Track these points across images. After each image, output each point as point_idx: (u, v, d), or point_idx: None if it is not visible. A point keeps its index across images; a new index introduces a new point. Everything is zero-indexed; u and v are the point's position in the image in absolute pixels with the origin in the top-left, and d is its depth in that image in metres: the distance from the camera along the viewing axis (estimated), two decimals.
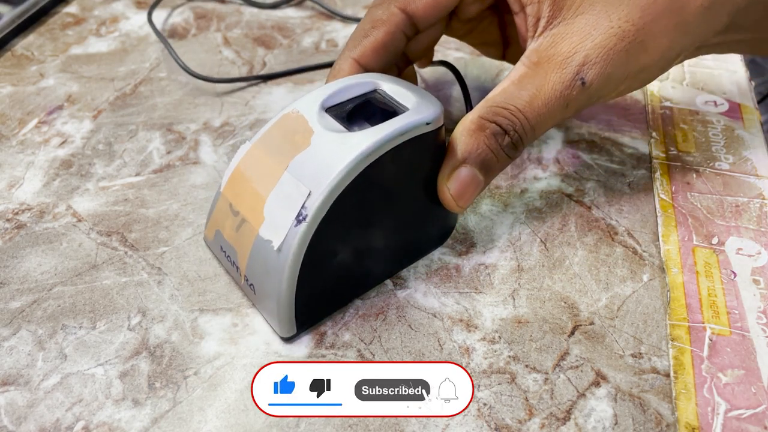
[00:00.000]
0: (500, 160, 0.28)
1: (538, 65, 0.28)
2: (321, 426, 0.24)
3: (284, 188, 0.25)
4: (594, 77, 0.27)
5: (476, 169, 0.27)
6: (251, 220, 0.26)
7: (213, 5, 0.51)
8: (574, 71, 0.27)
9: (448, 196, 0.27)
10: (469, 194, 0.28)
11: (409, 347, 0.26)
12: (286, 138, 0.26)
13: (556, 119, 0.28)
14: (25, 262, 0.30)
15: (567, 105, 0.28)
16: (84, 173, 0.35)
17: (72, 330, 0.27)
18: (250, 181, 0.27)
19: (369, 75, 0.29)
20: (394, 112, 0.27)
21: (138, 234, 0.32)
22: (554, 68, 0.27)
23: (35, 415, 0.24)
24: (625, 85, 0.29)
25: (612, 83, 0.28)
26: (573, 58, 0.27)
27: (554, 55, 0.27)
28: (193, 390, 0.25)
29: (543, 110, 0.27)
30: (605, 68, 0.27)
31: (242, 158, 0.27)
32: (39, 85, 0.43)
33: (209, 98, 0.41)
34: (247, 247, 0.26)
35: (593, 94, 0.28)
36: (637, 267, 0.30)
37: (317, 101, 0.27)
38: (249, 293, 0.27)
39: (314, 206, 0.24)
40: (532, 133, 0.28)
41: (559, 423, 0.24)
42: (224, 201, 0.27)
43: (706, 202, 0.33)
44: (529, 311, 0.28)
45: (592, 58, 0.27)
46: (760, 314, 0.27)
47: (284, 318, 0.26)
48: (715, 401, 0.24)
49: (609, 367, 0.26)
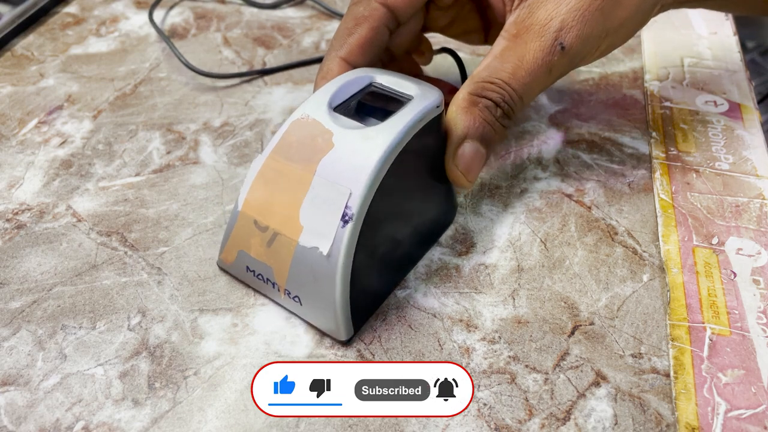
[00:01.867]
0: (497, 130, 0.29)
1: (517, 37, 0.28)
2: (321, 426, 0.24)
3: (319, 192, 0.25)
4: (573, 40, 0.28)
5: (477, 143, 0.28)
6: (286, 232, 0.25)
7: (213, 5, 0.51)
8: (552, 37, 0.28)
9: (457, 173, 0.29)
10: (476, 167, 0.29)
11: (409, 347, 0.26)
12: (305, 143, 0.26)
13: (541, 86, 0.29)
14: (25, 262, 0.30)
15: (550, 71, 0.29)
16: (84, 173, 0.35)
17: (72, 330, 0.27)
18: (275, 193, 0.26)
19: (360, 70, 0.29)
20: (399, 102, 0.27)
21: (138, 234, 0.32)
22: (533, 37, 0.28)
23: (35, 415, 0.24)
24: (606, 44, 0.30)
25: (592, 43, 0.29)
26: (550, 24, 0.28)
27: (532, 25, 0.28)
28: (193, 390, 0.25)
29: (527, 79, 0.28)
30: (583, 30, 0.28)
31: (259, 171, 0.26)
32: (39, 85, 0.43)
33: (209, 98, 0.41)
34: (285, 260, 0.26)
35: (575, 57, 0.29)
36: (637, 267, 0.30)
37: (323, 102, 0.27)
38: (292, 306, 0.27)
39: (357, 204, 0.24)
40: (521, 102, 0.29)
41: (559, 423, 0.24)
42: (246, 219, 0.27)
43: (706, 202, 0.33)
44: (529, 311, 0.28)
45: (568, 22, 0.28)
46: (760, 314, 0.27)
47: (342, 321, 0.26)
48: (715, 401, 0.24)
49: (609, 367, 0.26)
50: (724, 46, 0.45)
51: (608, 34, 0.29)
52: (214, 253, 0.31)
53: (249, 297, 0.29)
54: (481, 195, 0.34)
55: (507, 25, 0.29)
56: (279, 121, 0.39)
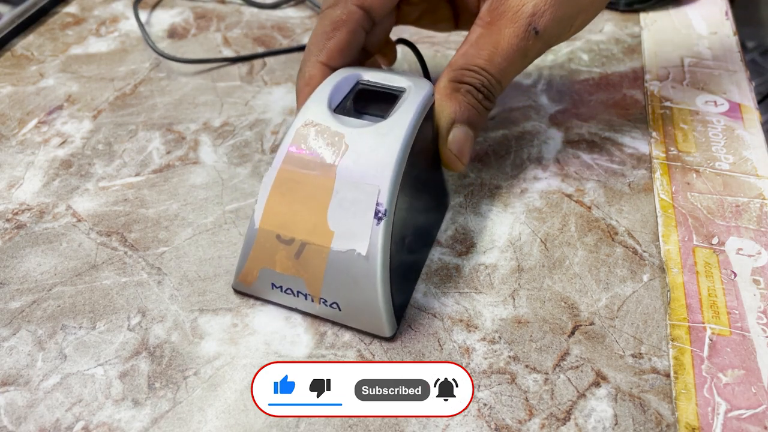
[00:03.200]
0: (480, 113, 0.30)
1: (491, 24, 0.29)
2: (321, 426, 0.24)
3: (346, 195, 0.25)
4: (546, 24, 0.29)
5: (466, 126, 0.29)
6: (316, 241, 0.25)
7: (213, 5, 0.51)
8: (526, 23, 0.28)
9: (451, 157, 0.29)
10: (467, 150, 0.30)
11: (409, 347, 0.26)
12: (316, 148, 0.26)
13: (518, 69, 0.30)
14: (25, 262, 0.30)
15: (525, 54, 0.29)
16: (84, 173, 0.35)
17: (72, 330, 0.27)
18: (295, 204, 0.25)
19: (345, 70, 0.29)
20: (393, 95, 0.28)
21: (138, 234, 0.32)
22: (507, 23, 0.29)
23: (35, 415, 0.24)
24: (579, 20, 0.30)
25: (565, 24, 0.29)
26: (522, 10, 0.28)
27: (505, 11, 0.29)
28: (192, 390, 0.25)
29: (504, 65, 0.29)
30: (555, 13, 0.28)
31: (273, 185, 0.26)
32: (39, 85, 0.43)
33: (209, 98, 0.41)
34: (318, 268, 0.25)
35: (549, 40, 0.30)
36: (637, 267, 0.30)
37: (323, 106, 0.27)
38: (329, 313, 0.27)
39: (387, 200, 0.24)
40: (500, 86, 0.30)
41: (559, 423, 0.24)
42: (267, 235, 0.26)
43: (706, 202, 0.33)
44: (529, 311, 0.28)
45: (540, 7, 0.28)
46: (760, 314, 0.27)
47: (386, 318, 0.26)
48: (716, 401, 0.24)
49: (609, 367, 0.26)
50: (724, 46, 0.45)
51: (580, 11, 0.30)
52: (214, 253, 0.31)
53: (249, 297, 0.29)
54: (481, 195, 0.34)
55: (481, 12, 0.30)
56: (279, 121, 0.39)
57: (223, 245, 0.31)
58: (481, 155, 0.36)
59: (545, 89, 0.41)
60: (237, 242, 0.31)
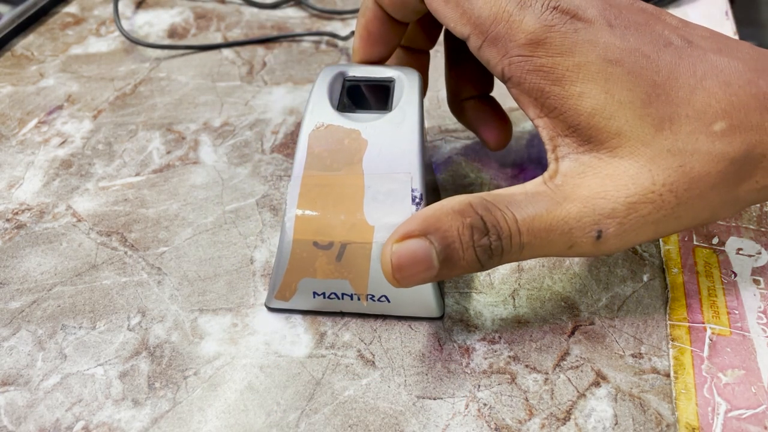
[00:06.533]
0: (465, 258, 0.23)
1: (559, 188, 0.23)
2: (321, 426, 0.24)
3: (378, 188, 0.25)
4: (611, 235, 0.23)
5: (435, 250, 0.22)
6: (356, 239, 0.25)
7: (213, 5, 0.51)
8: (595, 219, 0.23)
9: (387, 260, 0.22)
10: (414, 273, 0.22)
11: (409, 347, 0.26)
12: (336, 149, 0.26)
13: (552, 252, 0.24)
14: (25, 262, 0.30)
15: (570, 246, 0.23)
16: (84, 173, 0.35)
17: (72, 330, 0.27)
18: (327, 207, 0.25)
19: (329, 69, 0.29)
20: (384, 86, 0.28)
21: (138, 234, 0.32)
22: (575, 200, 0.23)
23: (35, 415, 0.24)
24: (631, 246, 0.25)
25: (623, 246, 0.24)
26: (598, 203, 0.23)
27: (579, 187, 0.23)
28: (193, 390, 0.25)
29: (542, 234, 0.23)
30: (627, 232, 0.23)
31: (300, 193, 0.25)
32: (39, 85, 0.43)
33: (209, 98, 0.41)
34: (363, 266, 0.25)
35: (600, 250, 0.24)
36: (637, 267, 0.30)
37: (326, 106, 0.27)
38: (378, 308, 0.27)
39: (419, 184, 0.25)
40: (518, 252, 0.23)
41: (559, 423, 0.24)
42: (303, 245, 0.25)
43: None
44: (529, 311, 0.28)
45: (618, 215, 0.23)
46: (760, 314, 0.27)
47: (436, 298, 0.26)
48: (716, 401, 0.24)
49: (609, 367, 0.26)
50: None
51: (643, 242, 0.24)
52: (214, 253, 0.31)
53: (249, 297, 0.29)
54: None
55: (551, 170, 0.24)
56: (279, 121, 0.39)
57: (223, 245, 0.31)
58: (481, 155, 0.36)
59: None
60: (237, 242, 0.31)
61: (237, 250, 0.31)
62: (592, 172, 0.23)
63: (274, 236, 0.31)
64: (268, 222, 0.32)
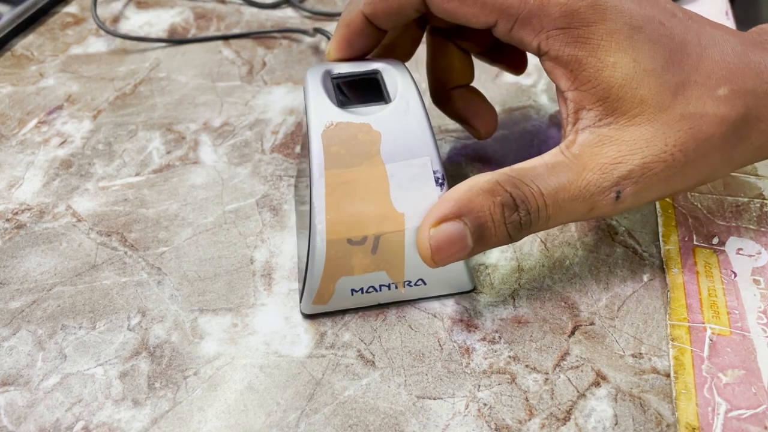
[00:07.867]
0: (498, 234, 0.24)
1: (577, 158, 0.25)
2: (321, 426, 0.24)
3: (401, 176, 0.26)
4: (628, 194, 0.25)
5: (469, 230, 0.24)
6: (389, 229, 0.25)
7: (213, 5, 0.51)
8: (613, 181, 0.24)
9: (426, 245, 0.24)
10: (450, 254, 0.24)
11: (409, 347, 0.26)
12: (351, 144, 0.26)
13: (574, 218, 0.26)
14: (25, 262, 0.30)
15: (591, 209, 0.25)
16: (84, 173, 0.35)
17: (72, 330, 0.27)
18: (355, 203, 0.25)
19: (316, 70, 0.29)
20: (373, 78, 0.29)
21: (138, 234, 0.32)
22: (594, 169, 0.25)
23: (35, 415, 0.24)
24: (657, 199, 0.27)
25: (638, 204, 0.26)
26: (616, 167, 0.24)
27: (597, 155, 0.25)
28: (192, 390, 0.25)
29: (566, 204, 0.25)
30: (642, 189, 0.25)
31: (325, 194, 0.26)
32: (39, 85, 0.43)
33: (209, 98, 0.41)
34: (398, 254, 0.26)
35: (618, 209, 0.25)
36: (638, 267, 0.30)
37: (330, 106, 0.27)
38: (416, 292, 0.27)
39: (439, 166, 0.26)
40: (546, 222, 0.25)
41: (559, 423, 0.24)
42: (338, 245, 0.25)
43: (706, 202, 0.33)
44: (529, 311, 0.28)
45: (635, 176, 0.24)
46: (760, 314, 0.27)
47: (467, 272, 0.28)
48: (716, 401, 0.24)
49: (609, 367, 0.26)
50: None
51: (654, 199, 0.26)
52: (214, 253, 0.31)
53: (249, 297, 0.29)
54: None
55: (568, 141, 0.26)
56: (279, 121, 0.39)
57: (223, 245, 0.31)
58: (482, 155, 0.36)
59: (545, 89, 0.41)
60: (237, 242, 0.31)
61: (237, 250, 0.31)
62: (609, 141, 0.25)
63: (274, 236, 0.31)
64: (268, 222, 0.32)
